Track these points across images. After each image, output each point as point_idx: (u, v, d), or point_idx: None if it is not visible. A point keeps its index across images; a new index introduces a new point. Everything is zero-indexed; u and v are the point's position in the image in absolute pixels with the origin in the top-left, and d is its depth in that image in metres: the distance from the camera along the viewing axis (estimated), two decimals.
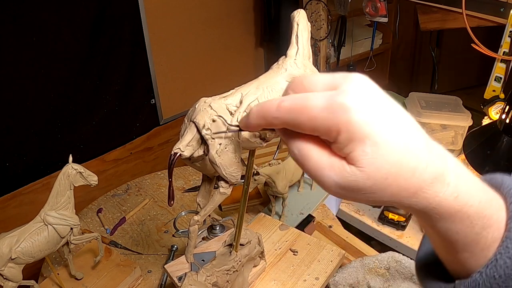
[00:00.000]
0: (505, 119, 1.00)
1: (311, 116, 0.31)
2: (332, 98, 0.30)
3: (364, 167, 0.31)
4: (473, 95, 1.63)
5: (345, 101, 0.30)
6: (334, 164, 0.32)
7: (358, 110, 0.30)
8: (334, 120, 0.30)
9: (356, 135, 0.30)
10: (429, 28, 1.43)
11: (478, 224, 0.33)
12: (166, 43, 1.75)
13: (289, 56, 0.76)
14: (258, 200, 1.35)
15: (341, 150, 0.31)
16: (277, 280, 0.97)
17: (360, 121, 0.30)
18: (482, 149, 1.06)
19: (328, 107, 0.30)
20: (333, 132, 0.31)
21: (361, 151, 0.30)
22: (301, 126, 0.32)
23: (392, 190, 0.31)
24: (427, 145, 0.33)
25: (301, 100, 0.32)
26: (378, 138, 0.30)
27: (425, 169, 0.31)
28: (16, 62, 1.34)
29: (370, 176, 0.31)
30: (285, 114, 0.32)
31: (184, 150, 0.65)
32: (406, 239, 1.25)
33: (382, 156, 0.30)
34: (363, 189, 0.32)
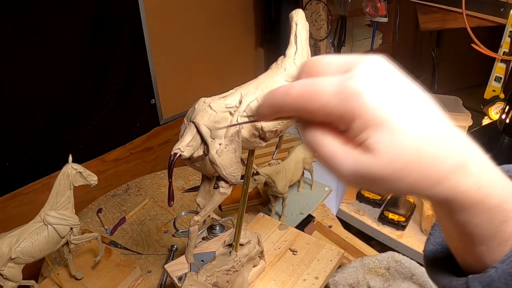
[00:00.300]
0: (505, 119, 1.00)
1: (322, 103, 0.29)
2: (344, 83, 0.28)
3: (381, 155, 0.29)
4: (473, 95, 1.63)
5: (358, 85, 0.28)
6: (349, 152, 0.30)
7: (373, 95, 0.28)
8: (347, 107, 0.28)
9: (372, 121, 0.28)
10: (429, 28, 1.43)
11: (498, 218, 0.32)
12: (166, 43, 1.75)
13: (288, 55, 0.76)
14: (258, 200, 1.35)
15: (356, 137, 0.29)
16: (277, 280, 0.97)
17: (376, 106, 0.28)
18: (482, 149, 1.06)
19: (340, 92, 0.28)
20: (347, 119, 0.29)
21: (378, 138, 0.28)
22: (313, 113, 0.30)
23: (411, 180, 0.29)
24: (449, 132, 0.30)
25: (312, 86, 0.30)
26: (396, 124, 0.28)
27: (447, 158, 0.29)
28: (16, 62, 1.34)
29: (387, 165, 0.29)
30: (295, 100, 0.30)
31: (184, 151, 0.65)
32: (406, 239, 1.25)
33: (400, 143, 0.28)
34: (380, 178, 0.29)
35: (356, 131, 0.29)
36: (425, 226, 1.24)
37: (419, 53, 2.31)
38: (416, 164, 0.29)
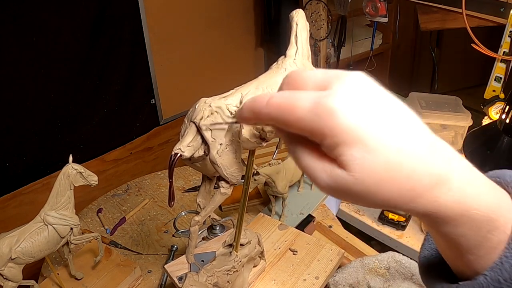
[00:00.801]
0: (505, 119, 1.00)
1: (297, 117, 0.30)
2: (319, 99, 0.29)
3: (354, 172, 0.29)
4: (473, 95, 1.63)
5: (331, 104, 0.28)
6: (325, 166, 0.31)
7: (346, 114, 0.28)
8: (320, 124, 0.29)
9: (344, 139, 0.29)
10: (429, 28, 1.43)
11: (484, 228, 0.32)
12: (166, 43, 1.75)
13: (288, 56, 0.76)
14: (258, 200, 1.35)
15: (330, 153, 0.30)
16: (277, 280, 0.97)
17: (348, 125, 0.28)
18: (482, 149, 1.06)
19: (313, 109, 0.29)
20: (318, 135, 0.29)
21: (350, 156, 0.29)
22: (288, 125, 0.31)
23: (385, 196, 0.30)
24: (429, 148, 0.30)
25: (290, 99, 0.30)
26: (369, 142, 0.29)
27: (423, 174, 0.30)
28: (16, 62, 1.34)
29: (360, 181, 0.29)
30: (274, 111, 0.31)
31: (184, 151, 0.65)
32: (406, 239, 1.25)
33: (373, 161, 0.29)
34: (355, 193, 0.30)
35: (329, 147, 0.30)
36: (425, 227, 1.25)
37: (419, 53, 2.32)
38: (389, 181, 0.29)
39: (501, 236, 0.32)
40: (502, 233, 0.32)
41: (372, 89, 0.30)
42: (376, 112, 0.29)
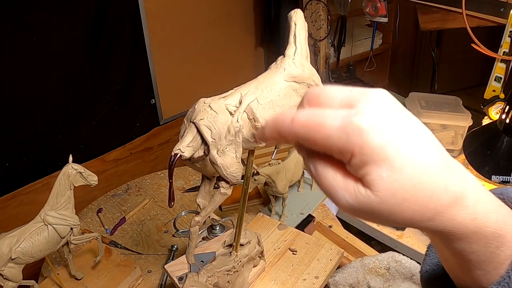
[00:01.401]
0: (505, 119, 1.00)
1: (325, 135, 0.30)
2: (348, 119, 0.29)
3: (379, 191, 0.30)
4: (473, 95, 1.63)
5: (361, 123, 0.29)
6: (349, 185, 0.31)
7: (375, 133, 0.29)
8: (349, 143, 0.29)
9: (372, 158, 0.29)
10: (429, 28, 1.43)
11: (493, 244, 0.32)
12: (166, 43, 1.75)
13: (287, 55, 0.76)
14: (258, 200, 1.35)
15: (356, 172, 0.30)
16: (277, 280, 0.97)
17: (377, 144, 0.29)
18: (482, 149, 1.06)
19: (343, 127, 0.29)
20: (347, 154, 0.30)
21: (377, 175, 0.29)
22: (315, 143, 0.31)
23: (407, 215, 0.30)
24: (447, 166, 0.31)
25: (317, 117, 0.30)
26: (395, 163, 0.29)
27: (443, 193, 0.30)
28: (16, 62, 1.34)
29: (384, 201, 0.30)
30: (300, 129, 0.31)
31: (184, 151, 0.65)
32: (406, 239, 1.25)
33: (398, 180, 0.29)
34: (377, 213, 0.31)
35: (356, 166, 0.30)
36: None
37: (419, 53, 2.31)
38: (413, 201, 0.30)
39: (508, 251, 0.33)
40: (509, 248, 0.33)
41: (395, 107, 0.31)
42: (401, 132, 0.29)
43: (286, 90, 0.73)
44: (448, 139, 1.47)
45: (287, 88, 0.73)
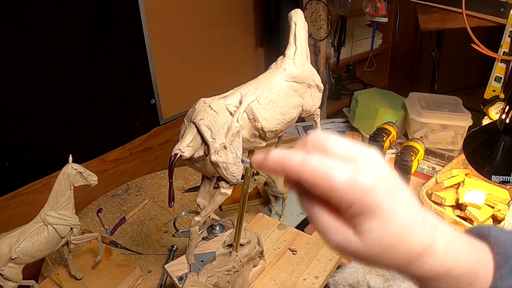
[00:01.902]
0: (505, 119, 1.00)
1: (330, 185, 0.34)
2: (354, 176, 0.33)
3: (368, 240, 0.35)
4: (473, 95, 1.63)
5: (365, 182, 0.33)
6: (341, 229, 0.36)
7: (374, 192, 0.34)
8: (351, 196, 0.33)
9: (367, 212, 0.34)
10: (429, 28, 1.43)
11: (465, 281, 0.37)
12: (166, 43, 1.75)
13: (287, 55, 0.76)
14: (258, 200, 1.35)
15: (350, 220, 0.35)
16: (277, 280, 0.97)
17: (374, 201, 0.34)
18: (482, 149, 1.06)
19: (348, 183, 0.33)
20: (346, 204, 0.34)
21: (368, 227, 0.34)
22: (317, 189, 0.34)
23: (387, 262, 0.36)
24: (422, 220, 0.36)
25: (325, 167, 0.34)
26: (385, 218, 0.34)
27: (417, 244, 0.35)
28: (16, 62, 1.34)
29: (371, 248, 0.35)
30: (308, 174, 0.34)
31: (184, 151, 0.65)
32: None
33: (385, 233, 0.34)
34: (362, 257, 0.36)
35: (351, 216, 0.35)
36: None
37: (419, 53, 2.31)
38: (393, 251, 0.35)
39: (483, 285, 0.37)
40: (483, 284, 0.37)
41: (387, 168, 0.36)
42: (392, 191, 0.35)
43: (286, 90, 0.73)
44: (448, 139, 1.47)
45: (287, 88, 0.73)
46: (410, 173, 1.20)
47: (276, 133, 0.74)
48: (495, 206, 1.18)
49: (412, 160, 1.17)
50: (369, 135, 1.31)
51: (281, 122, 0.72)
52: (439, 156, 1.48)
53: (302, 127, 1.85)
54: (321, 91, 0.81)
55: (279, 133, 0.76)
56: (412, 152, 1.19)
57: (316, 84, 0.78)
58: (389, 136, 1.28)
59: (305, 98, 0.77)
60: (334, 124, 1.87)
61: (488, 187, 1.22)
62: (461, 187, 1.24)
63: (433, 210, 1.17)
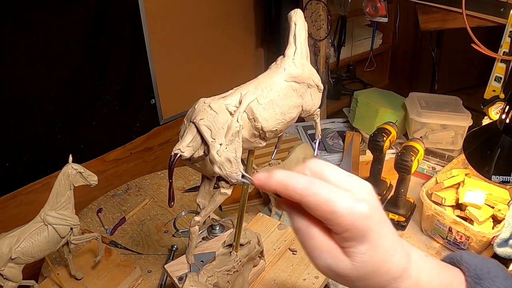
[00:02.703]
0: (505, 119, 1.00)
1: (332, 210, 0.37)
2: (353, 203, 0.37)
3: (356, 262, 0.39)
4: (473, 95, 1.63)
5: (363, 210, 0.38)
6: (332, 250, 0.39)
7: (369, 219, 0.38)
8: (349, 221, 0.37)
9: (360, 236, 0.38)
10: (429, 28, 1.43)
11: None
12: (166, 43, 1.75)
13: (287, 55, 0.76)
14: (258, 200, 1.35)
15: (342, 242, 0.39)
16: (277, 280, 0.97)
17: (367, 228, 0.38)
18: (482, 149, 1.06)
19: (349, 209, 0.37)
20: (342, 228, 0.37)
21: (358, 250, 0.38)
22: (317, 212, 0.38)
23: (367, 283, 0.40)
24: (400, 246, 0.41)
25: (329, 193, 0.38)
26: (373, 242, 0.38)
27: (395, 268, 0.40)
28: (16, 62, 1.34)
29: (358, 270, 0.39)
30: (310, 197, 0.38)
31: (184, 151, 0.65)
32: (406, 239, 1.24)
33: (372, 257, 0.39)
34: (348, 278, 0.39)
35: (345, 239, 0.38)
36: (425, 226, 1.24)
37: (419, 53, 2.31)
38: (375, 274, 0.39)
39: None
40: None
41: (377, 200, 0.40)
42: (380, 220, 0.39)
43: (286, 90, 0.73)
44: (448, 139, 1.47)
45: (287, 88, 0.73)
46: (410, 173, 1.20)
47: (276, 133, 0.74)
48: (495, 206, 1.18)
49: (412, 160, 1.17)
50: (369, 135, 1.31)
51: (281, 122, 0.72)
52: (439, 156, 1.48)
53: (302, 127, 1.85)
54: (321, 91, 0.81)
55: (279, 133, 0.76)
56: (412, 152, 1.19)
57: (316, 84, 0.78)
58: (389, 136, 1.28)
59: (305, 98, 0.77)
60: (334, 124, 1.87)
61: (488, 187, 1.22)
62: (461, 187, 1.24)
63: (433, 210, 1.17)
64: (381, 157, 1.32)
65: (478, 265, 0.45)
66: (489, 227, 1.15)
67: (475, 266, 0.45)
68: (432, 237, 1.23)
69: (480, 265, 0.45)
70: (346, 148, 1.65)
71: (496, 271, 0.45)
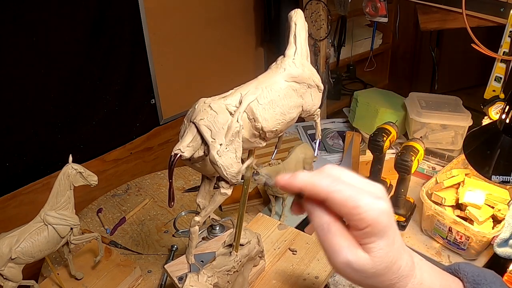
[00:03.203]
0: (505, 119, 1.00)
1: (357, 205, 0.40)
2: (375, 200, 0.40)
3: (376, 257, 0.41)
4: (473, 95, 1.63)
5: (384, 207, 0.41)
6: (352, 245, 0.41)
7: (388, 216, 0.41)
8: (371, 217, 0.40)
9: (380, 232, 0.40)
10: (429, 28, 1.43)
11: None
12: (166, 43, 1.75)
13: (287, 56, 0.76)
14: (258, 200, 1.35)
15: (362, 238, 0.41)
16: (277, 280, 0.97)
17: (387, 224, 0.41)
18: (482, 149, 1.06)
19: (371, 205, 0.40)
20: (364, 224, 0.40)
21: (377, 244, 0.41)
22: (342, 208, 0.40)
23: (382, 279, 0.42)
24: (404, 247, 0.44)
25: (353, 190, 0.40)
26: (391, 239, 0.41)
27: (404, 266, 0.43)
28: (16, 62, 1.34)
29: (376, 265, 0.41)
30: (336, 193, 0.40)
31: (184, 151, 0.65)
32: (406, 239, 1.24)
33: (388, 252, 0.41)
34: (366, 273, 0.41)
35: (365, 233, 0.41)
36: (425, 226, 1.24)
37: (419, 53, 2.31)
38: (389, 269, 0.42)
39: None
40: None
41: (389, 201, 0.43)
42: (394, 219, 0.42)
43: (286, 90, 0.73)
44: (448, 139, 1.47)
45: (287, 88, 0.73)
46: (410, 173, 1.20)
47: (276, 133, 0.74)
48: (495, 206, 1.18)
49: (412, 160, 1.17)
50: (369, 135, 1.31)
51: (281, 122, 0.72)
52: (439, 156, 1.48)
53: (302, 127, 1.85)
54: (321, 91, 0.80)
55: (279, 133, 0.76)
56: (412, 152, 1.19)
57: (316, 84, 0.78)
58: (389, 136, 1.28)
59: (305, 98, 0.77)
60: (334, 124, 1.87)
61: (488, 187, 1.22)
62: (461, 187, 1.24)
63: (433, 210, 1.17)
64: (381, 157, 1.32)
65: (475, 272, 0.48)
66: (489, 227, 1.15)
67: (472, 273, 0.48)
68: (432, 237, 1.23)
69: (477, 273, 0.48)
70: (346, 148, 1.65)
71: (493, 279, 0.48)
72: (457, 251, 1.17)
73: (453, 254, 1.18)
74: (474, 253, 1.14)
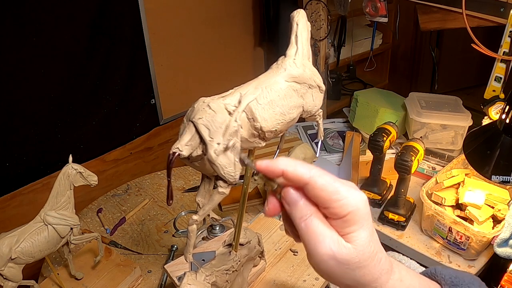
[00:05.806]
0: (505, 119, 1.00)
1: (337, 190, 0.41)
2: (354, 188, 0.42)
3: (358, 246, 0.41)
4: (473, 95, 1.63)
5: (363, 195, 0.42)
6: (334, 237, 0.41)
7: (366, 206, 0.42)
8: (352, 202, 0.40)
9: (360, 220, 0.41)
10: (429, 28, 1.43)
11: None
12: (166, 43, 1.75)
13: (288, 56, 0.76)
14: (258, 200, 1.35)
15: (343, 227, 0.41)
16: (277, 280, 0.97)
17: (365, 213, 0.42)
18: (482, 149, 1.06)
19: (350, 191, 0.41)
20: (344, 210, 0.40)
21: (359, 234, 0.41)
22: (322, 192, 0.41)
23: (365, 272, 0.42)
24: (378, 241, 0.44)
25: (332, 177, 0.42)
26: (370, 229, 0.42)
27: (385, 259, 0.43)
28: (16, 62, 1.34)
29: (358, 255, 0.41)
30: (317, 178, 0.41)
31: (182, 150, 0.65)
32: (406, 239, 1.24)
33: (370, 242, 0.41)
34: (349, 265, 0.41)
35: (346, 221, 0.41)
36: (425, 226, 1.24)
37: (419, 53, 2.31)
38: (371, 260, 0.42)
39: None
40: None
41: None
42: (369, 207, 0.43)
43: (286, 91, 0.73)
44: (448, 139, 1.47)
45: (287, 89, 0.73)
46: (410, 173, 1.20)
47: (275, 133, 0.74)
48: (495, 206, 1.18)
49: (412, 160, 1.17)
50: (369, 135, 1.31)
51: (280, 122, 0.72)
52: (439, 156, 1.48)
53: (302, 127, 1.85)
54: (322, 92, 0.80)
55: (279, 133, 0.76)
56: (412, 152, 1.19)
57: (317, 84, 0.78)
58: (389, 136, 1.28)
59: (306, 99, 0.77)
60: (334, 124, 1.87)
61: (488, 187, 1.22)
62: (461, 187, 1.24)
63: (433, 210, 1.17)
64: (381, 157, 1.32)
65: (453, 274, 0.48)
66: (489, 227, 1.15)
67: (450, 276, 0.48)
68: (432, 237, 1.23)
69: (455, 275, 0.48)
70: (346, 148, 1.65)
71: (470, 279, 0.48)
72: (457, 251, 1.17)
73: (453, 254, 1.18)
74: (474, 253, 1.14)
